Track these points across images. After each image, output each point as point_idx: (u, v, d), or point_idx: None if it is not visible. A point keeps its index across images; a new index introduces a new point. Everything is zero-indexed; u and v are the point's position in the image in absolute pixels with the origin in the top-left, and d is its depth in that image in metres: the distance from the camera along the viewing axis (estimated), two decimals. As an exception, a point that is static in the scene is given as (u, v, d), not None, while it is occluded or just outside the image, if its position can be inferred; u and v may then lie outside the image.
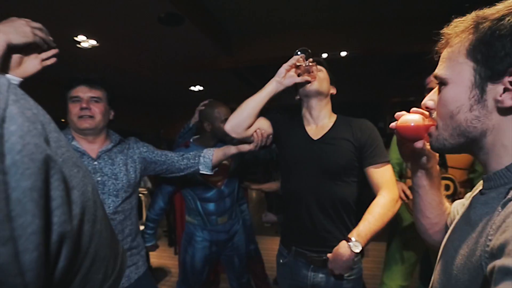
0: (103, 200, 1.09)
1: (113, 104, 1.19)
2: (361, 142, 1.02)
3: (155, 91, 5.61)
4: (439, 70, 0.46)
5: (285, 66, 1.03)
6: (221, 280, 2.14)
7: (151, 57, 3.46)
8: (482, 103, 0.40)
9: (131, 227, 1.21)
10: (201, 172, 1.28)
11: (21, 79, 0.79)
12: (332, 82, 1.12)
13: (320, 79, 1.06)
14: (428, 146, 0.55)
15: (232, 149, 1.22)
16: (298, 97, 1.13)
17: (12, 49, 0.72)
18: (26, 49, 0.77)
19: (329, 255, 0.96)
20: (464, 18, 0.44)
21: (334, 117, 1.11)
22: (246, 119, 1.06)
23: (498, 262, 0.29)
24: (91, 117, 1.09)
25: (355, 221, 1.01)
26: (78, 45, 2.85)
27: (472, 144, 0.44)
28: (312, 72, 1.04)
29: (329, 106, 1.11)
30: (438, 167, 0.64)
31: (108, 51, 3.13)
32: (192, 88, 5.39)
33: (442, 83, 0.45)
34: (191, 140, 1.68)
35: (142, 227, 1.64)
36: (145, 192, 3.29)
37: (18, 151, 0.20)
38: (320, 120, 1.10)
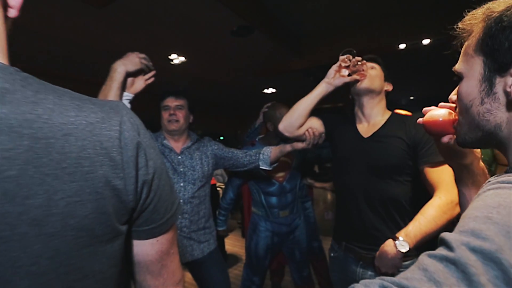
0: (185, 187, 1.38)
1: (192, 110, 1.48)
2: (415, 139, 0.98)
3: (232, 96, 6.15)
4: (457, 65, 0.47)
5: (333, 67, 1.09)
6: (285, 273, 2.27)
7: (228, 65, 3.86)
8: (492, 96, 0.40)
9: (205, 210, 1.47)
10: (260, 167, 1.45)
11: (133, 95, 1.11)
12: (387, 79, 1.12)
13: (371, 77, 1.06)
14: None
15: (287, 147, 1.35)
16: (350, 96, 1.17)
17: (128, 75, 1.04)
18: (136, 73, 1.08)
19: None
20: (476, 10, 0.44)
21: (388, 114, 1.10)
22: (297, 119, 1.15)
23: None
24: (177, 121, 1.39)
25: (409, 221, 0.97)
26: (171, 62, 3.45)
27: (489, 137, 0.43)
28: (362, 70, 1.06)
29: (382, 104, 1.11)
30: (482, 164, 0.61)
31: (193, 64, 3.66)
32: (265, 90, 5.70)
33: (458, 77, 0.46)
34: (257, 139, 1.88)
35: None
36: (223, 186, 3.71)
37: (127, 137, 0.40)
38: (372, 118, 1.10)
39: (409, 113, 1.21)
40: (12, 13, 0.40)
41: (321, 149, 1.84)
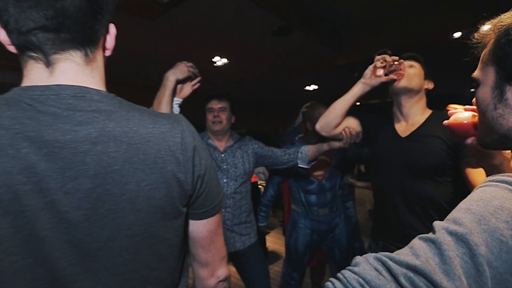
0: (228, 183, 1.49)
1: (234, 111, 1.58)
2: (456, 140, 0.95)
3: (273, 95, 6.21)
4: (475, 72, 0.50)
5: (369, 67, 1.09)
6: (326, 272, 2.26)
7: (269, 64, 3.93)
8: (504, 102, 0.44)
9: (246, 205, 1.56)
10: (299, 165, 1.49)
11: (182, 99, 1.24)
12: (428, 77, 1.08)
13: (409, 75, 1.04)
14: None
15: (324, 146, 1.36)
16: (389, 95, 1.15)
17: (177, 82, 1.17)
18: (184, 80, 1.21)
19: None
20: (493, 20, 0.46)
21: (428, 113, 1.06)
22: (334, 119, 1.17)
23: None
24: (220, 122, 1.51)
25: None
26: (214, 65, 3.64)
27: (505, 140, 0.46)
28: (400, 70, 1.04)
29: (422, 102, 1.07)
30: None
31: (235, 65, 3.81)
32: (307, 88, 5.64)
33: (476, 83, 0.49)
34: (296, 138, 1.91)
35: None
36: (264, 184, 3.81)
37: (187, 142, 0.52)
38: (410, 117, 1.08)
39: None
40: (108, 53, 0.53)
41: (362, 148, 1.80)
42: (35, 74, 0.45)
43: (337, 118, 1.17)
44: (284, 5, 2.39)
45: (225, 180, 1.49)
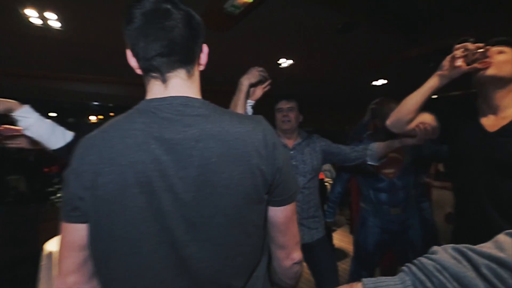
0: (297, 178, 1.59)
1: (302, 110, 1.67)
2: None
3: (340, 92, 6.03)
4: None
5: (447, 58, 1.00)
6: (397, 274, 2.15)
7: (335, 62, 3.86)
8: None
9: (314, 200, 1.64)
10: (368, 162, 1.49)
11: (254, 101, 1.39)
12: None
13: (499, 63, 0.94)
14: None
15: (395, 143, 1.34)
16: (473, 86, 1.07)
17: (250, 86, 1.32)
18: (256, 84, 1.35)
19: None
20: None
21: None
22: (407, 115, 1.10)
23: None
24: (289, 121, 1.62)
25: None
26: (280, 66, 3.77)
27: None
28: (487, 57, 0.95)
29: None
30: None
31: (301, 66, 3.87)
32: (375, 83, 5.30)
33: None
34: (365, 135, 1.89)
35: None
36: (331, 181, 3.77)
37: (268, 139, 0.63)
38: (501, 110, 0.97)
39: None
40: (201, 68, 0.69)
41: (440, 145, 1.66)
42: (155, 89, 0.62)
43: (410, 114, 1.11)
44: (349, 0, 2.36)
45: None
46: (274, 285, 0.76)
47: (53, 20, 2.15)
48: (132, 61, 0.63)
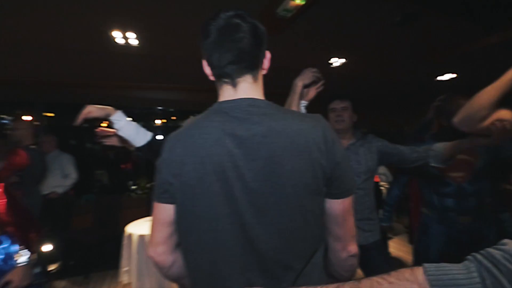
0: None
1: (356, 110, 1.63)
2: None
3: (397, 91, 5.60)
4: None
5: None
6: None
7: (392, 57, 3.63)
8: None
9: (369, 202, 1.58)
10: (432, 164, 1.38)
11: (307, 102, 1.41)
12: None
13: None
14: None
15: (465, 143, 1.22)
16: None
17: (304, 87, 1.34)
18: (310, 84, 1.37)
19: None
20: None
21: None
22: (479, 111, 1.00)
23: None
24: (343, 121, 1.59)
25: None
26: (331, 66, 3.69)
27: None
28: None
29: None
30: None
31: (354, 64, 3.73)
32: (440, 78, 4.80)
33: None
34: (427, 135, 1.75)
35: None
36: (386, 185, 3.55)
37: (327, 135, 0.68)
38: None
39: None
40: (264, 72, 0.76)
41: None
42: (226, 93, 0.72)
43: (483, 110, 0.99)
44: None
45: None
46: (330, 277, 0.78)
47: (132, 39, 2.54)
48: (207, 69, 0.74)
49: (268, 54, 0.75)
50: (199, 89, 4.31)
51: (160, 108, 5.57)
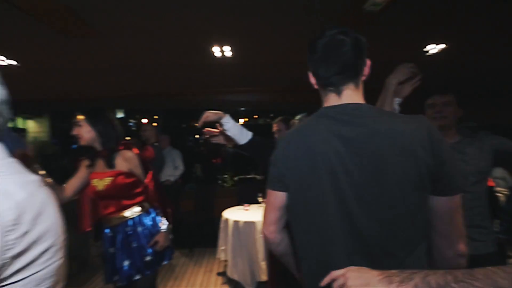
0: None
1: (460, 104, 1.46)
2: None
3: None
4: None
5: None
6: None
7: (506, 40, 2.99)
8: None
9: (480, 208, 1.40)
10: None
11: (402, 99, 1.36)
12: None
13: None
14: None
15: None
16: None
17: (399, 83, 1.30)
18: (405, 81, 1.32)
19: None
20: None
21: None
22: None
23: None
24: (444, 117, 1.46)
25: None
26: (427, 54, 3.29)
27: None
28: None
29: None
30: None
31: (455, 50, 3.23)
32: None
33: None
34: None
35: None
36: (505, 191, 2.97)
37: (433, 136, 0.73)
38: None
39: None
40: (364, 78, 0.84)
41: None
42: (331, 99, 0.83)
43: None
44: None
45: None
46: None
47: (227, 51, 2.91)
48: (312, 80, 0.87)
49: (368, 62, 0.83)
50: (278, 90, 4.56)
51: (243, 108, 6.10)
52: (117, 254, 1.63)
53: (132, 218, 1.66)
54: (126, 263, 1.62)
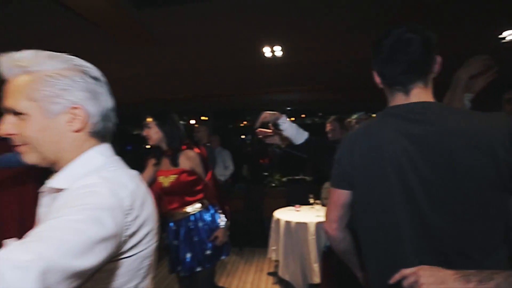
0: None
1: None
2: None
3: None
4: None
5: None
6: None
7: None
8: None
9: None
10: None
11: (473, 94, 1.23)
12: None
13: None
14: None
15: None
16: None
17: (470, 77, 1.19)
18: (477, 75, 1.19)
19: None
20: None
21: None
22: None
23: None
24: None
25: None
26: (503, 41, 2.89)
27: None
28: None
29: None
30: None
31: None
32: None
33: None
34: None
35: None
36: None
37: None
38: None
39: None
40: (433, 75, 0.80)
41: None
42: (398, 98, 0.80)
43: None
44: None
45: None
46: None
47: (278, 51, 2.96)
48: (377, 79, 0.85)
49: (438, 59, 0.79)
50: (327, 88, 4.44)
51: (289, 108, 6.08)
52: (181, 246, 1.79)
53: (194, 214, 1.80)
54: (188, 255, 1.76)
